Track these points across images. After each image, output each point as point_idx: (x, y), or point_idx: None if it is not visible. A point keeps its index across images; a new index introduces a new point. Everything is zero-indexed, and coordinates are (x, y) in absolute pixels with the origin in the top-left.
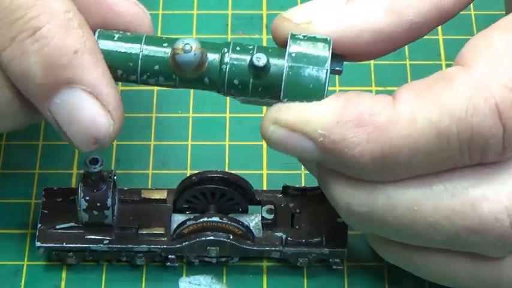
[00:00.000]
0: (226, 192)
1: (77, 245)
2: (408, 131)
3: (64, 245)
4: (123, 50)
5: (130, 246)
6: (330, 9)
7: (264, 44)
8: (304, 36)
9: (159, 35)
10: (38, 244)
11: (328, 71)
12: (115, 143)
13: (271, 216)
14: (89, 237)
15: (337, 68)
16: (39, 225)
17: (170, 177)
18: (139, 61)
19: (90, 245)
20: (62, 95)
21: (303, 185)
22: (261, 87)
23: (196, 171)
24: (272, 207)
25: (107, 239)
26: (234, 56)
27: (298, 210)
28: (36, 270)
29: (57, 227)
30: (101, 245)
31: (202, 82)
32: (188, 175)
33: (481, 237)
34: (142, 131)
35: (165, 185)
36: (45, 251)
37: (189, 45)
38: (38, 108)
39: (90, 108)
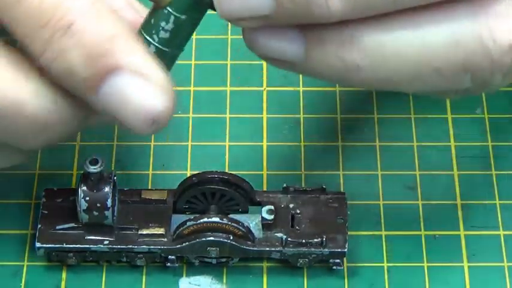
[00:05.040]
0: (226, 193)
1: (77, 246)
2: None
3: (64, 245)
4: None
5: (131, 246)
6: None
7: None
8: None
9: None
10: (38, 245)
11: None
12: (115, 143)
13: (271, 217)
14: (89, 237)
15: None
16: (39, 225)
17: (170, 177)
18: None
19: (90, 246)
20: (109, 83)
21: (303, 185)
22: None
23: (196, 172)
24: (272, 207)
25: (107, 240)
26: None
27: (298, 211)
28: (36, 270)
29: (57, 227)
30: (101, 246)
31: None
32: (188, 176)
33: None
34: None
35: (165, 186)
36: (45, 252)
37: None
38: (88, 101)
39: (140, 90)
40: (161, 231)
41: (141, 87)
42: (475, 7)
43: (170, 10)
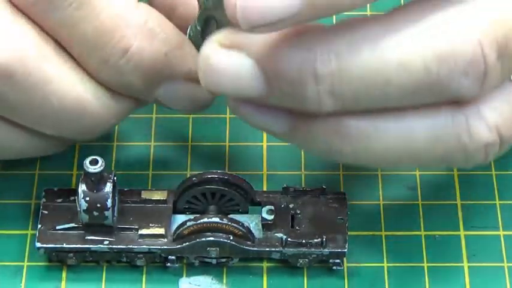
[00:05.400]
0: (226, 193)
1: (77, 246)
2: None
3: (64, 245)
4: None
5: (131, 247)
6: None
7: None
8: None
9: None
10: (38, 245)
11: None
12: (115, 143)
13: (271, 217)
14: (89, 238)
15: None
16: (39, 225)
17: (170, 178)
18: None
19: (90, 246)
20: (163, 88)
21: (303, 185)
22: None
23: (196, 172)
24: (272, 207)
25: (107, 240)
26: None
27: (298, 211)
28: (36, 270)
29: (57, 227)
30: (101, 246)
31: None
32: (188, 176)
33: (453, 64)
34: (143, 131)
35: (165, 186)
36: (46, 252)
37: None
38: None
39: (189, 89)
40: (161, 231)
41: (190, 87)
42: (456, 107)
43: (195, 20)
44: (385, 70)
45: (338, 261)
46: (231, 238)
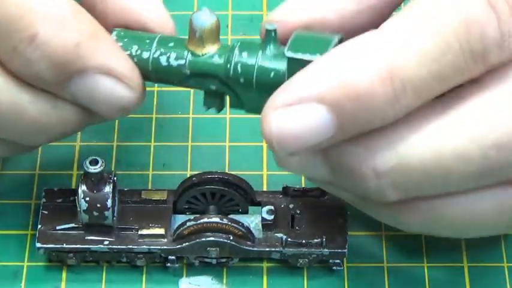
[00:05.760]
0: (226, 193)
1: (77, 246)
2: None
3: (64, 245)
4: (139, 34)
5: (131, 247)
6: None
7: None
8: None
9: None
10: (38, 245)
11: None
12: (115, 143)
13: (271, 217)
14: (89, 238)
15: None
16: (39, 226)
17: (170, 178)
18: (156, 38)
19: (90, 246)
20: (75, 82)
21: (303, 186)
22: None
23: (196, 172)
24: (272, 208)
25: (107, 240)
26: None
27: (298, 211)
28: (36, 271)
29: (57, 227)
30: (101, 246)
31: (211, 61)
32: (188, 176)
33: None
34: (143, 131)
35: (165, 186)
36: (46, 252)
37: (205, 8)
38: (57, 94)
39: (106, 85)
40: (161, 231)
41: (106, 83)
42: None
43: (188, 59)
44: (444, 162)
45: (338, 261)
46: (231, 238)
